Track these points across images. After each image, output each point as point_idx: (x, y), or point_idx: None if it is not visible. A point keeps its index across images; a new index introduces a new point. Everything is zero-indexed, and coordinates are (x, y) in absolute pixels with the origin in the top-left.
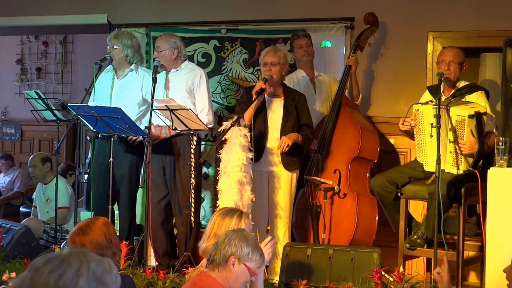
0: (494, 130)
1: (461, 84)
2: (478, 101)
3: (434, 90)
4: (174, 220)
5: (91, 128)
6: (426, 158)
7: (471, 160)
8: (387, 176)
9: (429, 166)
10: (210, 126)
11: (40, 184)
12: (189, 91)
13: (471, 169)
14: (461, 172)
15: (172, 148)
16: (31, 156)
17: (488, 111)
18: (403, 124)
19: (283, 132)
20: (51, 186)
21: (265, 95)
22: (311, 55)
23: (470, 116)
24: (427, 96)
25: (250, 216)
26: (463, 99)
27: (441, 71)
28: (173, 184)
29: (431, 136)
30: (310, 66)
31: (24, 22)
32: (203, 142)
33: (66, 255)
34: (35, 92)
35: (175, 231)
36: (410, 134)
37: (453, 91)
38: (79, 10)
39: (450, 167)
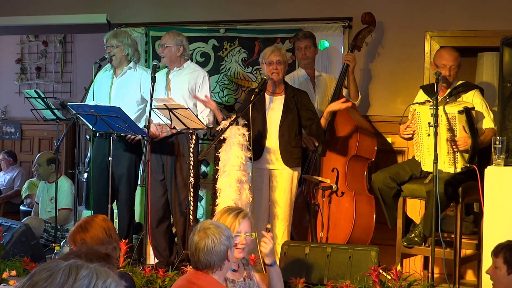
0: (493, 126)
1: (457, 82)
2: (474, 99)
3: (429, 90)
4: (172, 219)
5: (91, 127)
6: (424, 158)
7: (466, 156)
8: (389, 172)
9: (427, 166)
10: (210, 126)
11: (44, 181)
12: (191, 91)
13: (468, 165)
14: (458, 170)
15: (171, 147)
16: (39, 154)
17: (484, 108)
18: (405, 129)
19: (281, 130)
20: (55, 186)
21: (266, 94)
22: (309, 58)
23: (459, 112)
24: (421, 95)
25: (250, 214)
26: (459, 98)
27: (438, 70)
28: (173, 183)
29: (429, 135)
30: (311, 66)
31: (24, 21)
32: (201, 141)
33: (58, 269)
34: (35, 91)
35: (174, 230)
36: (409, 138)
37: (448, 90)
38: (78, 10)
39: (447, 167)
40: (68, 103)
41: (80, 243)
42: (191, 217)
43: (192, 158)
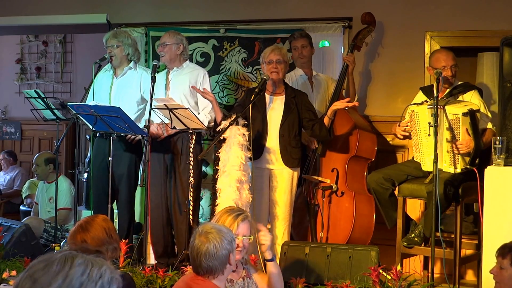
0: (491, 126)
1: (457, 83)
2: (472, 99)
3: (428, 91)
4: (173, 219)
5: (91, 127)
6: (424, 158)
7: (468, 158)
8: (384, 173)
9: (427, 166)
10: (211, 124)
11: (43, 182)
12: (192, 90)
13: (468, 167)
14: (458, 171)
15: (173, 146)
16: (37, 154)
17: (482, 109)
18: (403, 130)
19: (282, 130)
20: (54, 186)
21: (266, 94)
22: (306, 57)
23: (464, 114)
24: (420, 96)
25: (250, 217)
26: (458, 99)
27: (439, 70)
28: (173, 183)
29: (429, 135)
30: (308, 66)
31: (24, 21)
32: (202, 141)
33: (54, 259)
34: (35, 91)
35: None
36: (405, 136)
37: (447, 90)
38: (78, 10)
39: (447, 167)
40: (68, 103)
41: (81, 243)
42: (190, 217)
43: (192, 158)
